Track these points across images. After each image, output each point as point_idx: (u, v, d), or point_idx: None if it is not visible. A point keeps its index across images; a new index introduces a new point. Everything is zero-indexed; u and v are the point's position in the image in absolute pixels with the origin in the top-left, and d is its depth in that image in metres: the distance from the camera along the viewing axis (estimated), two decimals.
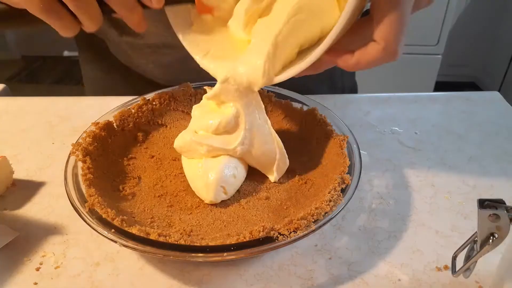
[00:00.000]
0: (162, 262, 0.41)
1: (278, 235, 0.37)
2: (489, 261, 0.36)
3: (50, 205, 0.48)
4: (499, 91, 0.68)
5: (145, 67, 0.67)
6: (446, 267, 0.40)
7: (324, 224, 0.39)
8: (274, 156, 0.46)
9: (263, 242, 0.37)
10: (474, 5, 2.11)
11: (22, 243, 0.43)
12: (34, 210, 0.47)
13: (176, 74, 0.64)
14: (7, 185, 0.50)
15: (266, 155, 0.46)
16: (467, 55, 2.28)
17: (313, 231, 0.38)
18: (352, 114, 0.63)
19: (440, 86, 2.06)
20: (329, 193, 0.41)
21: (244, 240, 0.37)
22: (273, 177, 0.48)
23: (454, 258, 0.37)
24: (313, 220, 0.38)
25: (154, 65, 0.66)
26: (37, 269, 0.40)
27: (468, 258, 0.34)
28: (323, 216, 0.39)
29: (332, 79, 0.73)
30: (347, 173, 0.43)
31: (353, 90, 0.78)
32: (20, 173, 0.52)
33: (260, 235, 0.37)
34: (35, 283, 0.39)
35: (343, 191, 0.42)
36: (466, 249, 0.35)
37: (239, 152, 0.45)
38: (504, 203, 0.30)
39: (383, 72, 1.83)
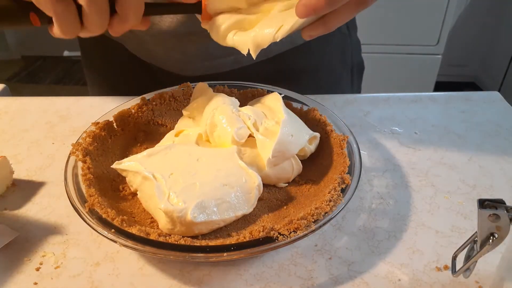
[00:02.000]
0: (162, 262, 0.41)
1: (278, 235, 0.37)
2: (489, 261, 0.36)
3: (50, 205, 0.48)
4: (499, 91, 0.68)
5: (167, 57, 0.66)
6: (446, 267, 0.40)
7: (324, 224, 0.39)
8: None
9: (263, 242, 0.37)
10: (474, 5, 2.11)
11: (22, 243, 0.43)
12: (34, 210, 0.47)
13: (196, 62, 0.64)
14: (7, 185, 0.50)
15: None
16: (467, 55, 2.28)
17: (313, 231, 0.38)
18: (352, 114, 0.63)
19: (440, 86, 2.06)
20: (329, 193, 0.41)
21: (244, 240, 0.37)
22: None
23: (454, 258, 0.37)
24: (313, 220, 0.38)
25: (179, 53, 0.64)
26: (37, 269, 0.40)
27: (468, 258, 0.34)
28: (323, 216, 0.39)
29: (344, 55, 0.74)
30: (347, 173, 0.43)
31: (361, 66, 0.79)
32: (20, 173, 0.52)
33: (260, 235, 0.37)
34: (35, 283, 0.39)
35: (343, 191, 0.42)
36: (466, 249, 0.35)
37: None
38: (504, 203, 0.30)
39: (383, 72, 1.83)
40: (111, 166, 0.45)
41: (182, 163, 0.44)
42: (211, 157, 0.45)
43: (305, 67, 0.69)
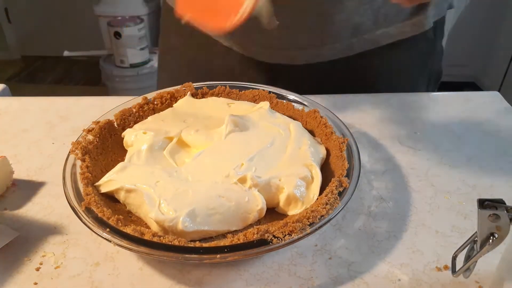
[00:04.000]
0: (162, 262, 0.41)
1: (273, 238, 0.37)
2: (489, 261, 0.36)
3: (50, 205, 0.48)
4: (499, 91, 0.68)
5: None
6: (446, 267, 0.40)
7: (319, 227, 0.38)
8: None
9: (257, 245, 0.37)
10: (474, 5, 2.11)
11: (22, 243, 0.43)
12: (34, 210, 0.47)
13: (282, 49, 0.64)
14: (7, 185, 0.50)
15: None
16: (467, 55, 2.28)
17: (308, 234, 0.38)
18: (352, 114, 0.63)
19: (440, 86, 2.05)
20: (326, 196, 0.41)
21: (238, 242, 0.37)
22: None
23: (454, 258, 0.37)
24: (309, 223, 0.38)
25: (271, 39, 0.63)
26: (37, 269, 0.40)
27: (468, 258, 0.34)
28: (318, 219, 0.39)
29: (426, 61, 0.73)
30: (345, 176, 0.43)
31: (439, 75, 0.77)
32: (20, 173, 0.52)
33: (254, 237, 0.37)
34: (35, 283, 0.39)
35: (340, 194, 0.42)
36: (466, 249, 0.35)
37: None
38: (504, 203, 0.30)
39: None
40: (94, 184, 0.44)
41: (166, 171, 0.44)
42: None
43: (384, 69, 0.68)
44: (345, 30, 0.62)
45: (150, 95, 0.56)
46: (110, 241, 0.37)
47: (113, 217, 0.39)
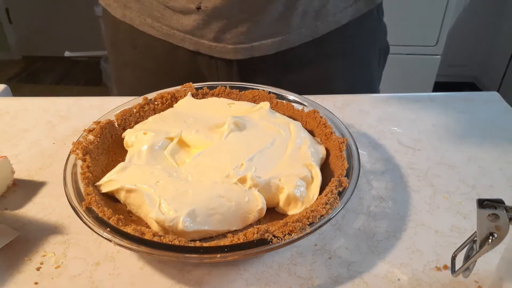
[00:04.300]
0: (162, 262, 0.41)
1: (273, 238, 0.37)
2: (489, 261, 0.36)
3: (51, 205, 0.48)
4: (498, 91, 0.68)
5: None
6: (445, 267, 0.40)
7: (319, 227, 0.39)
8: None
9: (257, 244, 0.37)
10: (473, 5, 2.11)
11: (23, 243, 0.43)
12: (34, 210, 0.47)
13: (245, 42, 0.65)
14: (8, 185, 0.50)
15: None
16: (466, 56, 2.28)
17: (308, 234, 0.38)
18: (351, 114, 0.63)
19: (439, 87, 2.06)
20: (325, 195, 0.41)
21: (238, 241, 0.37)
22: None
23: (453, 258, 0.37)
24: (308, 223, 0.38)
25: (229, 34, 0.64)
26: (38, 269, 0.41)
27: (467, 257, 0.34)
28: (318, 219, 0.39)
29: (374, 38, 0.78)
30: (345, 176, 0.43)
31: (387, 50, 0.81)
32: (20, 173, 0.52)
33: (254, 237, 0.37)
34: (36, 283, 0.39)
35: (340, 194, 0.42)
36: (465, 249, 0.35)
37: None
38: (503, 203, 0.30)
39: (383, 72, 1.83)
40: (95, 184, 0.44)
41: (166, 172, 0.44)
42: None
43: (344, 49, 0.71)
44: (309, 15, 0.65)
45: (151, 95, 0.57)
46: (110, 241, 0.37)
47: (113, 217, 0.39)
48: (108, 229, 0.38)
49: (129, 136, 0.50)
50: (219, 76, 0.69)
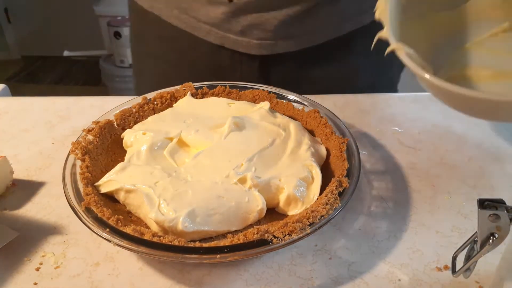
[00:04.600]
0: (162, 262, 0.41)
1: (273, 238, 0.37)
2: (489, 261, 0.36)
3: (50, 205, 0.48)
4: None
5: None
6: (446, 267, 0.40)
7: (319, 227, 0.38)
8: None
9: (257, 245, 0.37)
10: None
11: (22, 243, 0.43)
12: (34, 210, 0.47)
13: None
14: (7, 185, 0.50)
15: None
16: None
17: (308, 234, 0.38)
18: (352, 114, 0.63)
19: None
20: (326, 196, 0.41)
21: (238, 242, 0.37)
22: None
23: (454, 258, 0.37)
24: (309, 223, 0.38)
25: (259, 30, 0.65)
26: (37, 269, 0.40)
27: (468, 258, 0.34)
28: (318, 219, 0.39)
29: None
30: (345, 176, 0.43)
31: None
32: (20, 173, 0.52)
33: (254, 237, 0.37)
34: (35, 283, 0.39)
35: (340, 194, 0.42)
36: (466, 249, 0.35)
37: None
38: (504, 203, 0.30)
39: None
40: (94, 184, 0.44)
41: (167, 172, 0.44)
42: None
43: (367, 48, 0.71)
44: (336, 16, 0.65)
45: (150, 95, 0.56)
46: (110, 241, 0.37)
47: (113, 217, 0.39)
48: (108, 229, 0.38)
49: (129, 136, 0.50)
50: (241, 71, 0.69)
